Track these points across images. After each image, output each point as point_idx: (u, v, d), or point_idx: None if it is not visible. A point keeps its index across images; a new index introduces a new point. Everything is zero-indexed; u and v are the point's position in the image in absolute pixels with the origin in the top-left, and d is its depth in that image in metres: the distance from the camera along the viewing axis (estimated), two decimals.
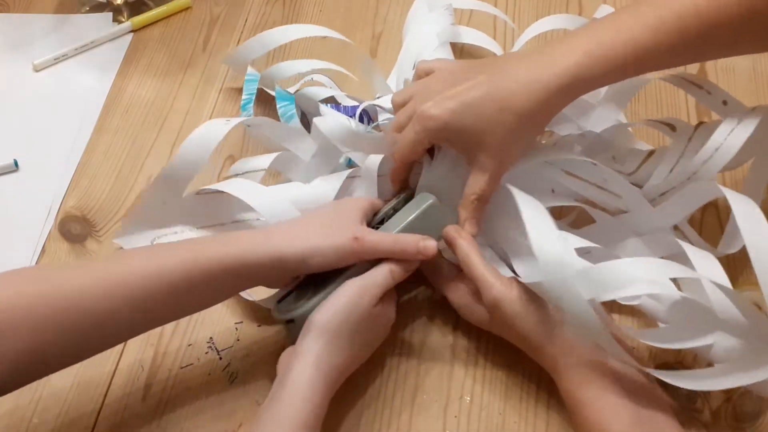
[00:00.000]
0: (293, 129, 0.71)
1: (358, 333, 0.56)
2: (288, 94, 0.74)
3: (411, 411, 0.61)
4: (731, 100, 0.65)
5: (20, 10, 0.91)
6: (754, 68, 0.81)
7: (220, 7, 0.90)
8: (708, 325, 0.54)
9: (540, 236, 0.55)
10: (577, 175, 0.66)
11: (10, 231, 0.72)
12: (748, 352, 0.53)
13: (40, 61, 0.84)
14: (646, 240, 0.65)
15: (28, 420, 0.61)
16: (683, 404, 0.60)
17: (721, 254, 0.64)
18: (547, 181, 0.66)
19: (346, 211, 0.60)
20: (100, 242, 0.71)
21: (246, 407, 0.61)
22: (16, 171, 0.76)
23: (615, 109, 0.71)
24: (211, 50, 0.86)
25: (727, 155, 0.61)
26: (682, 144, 0.66)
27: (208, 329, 0.65)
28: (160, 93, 0.82)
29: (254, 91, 0.76)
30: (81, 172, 0.76)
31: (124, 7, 0.90)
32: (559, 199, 0.66)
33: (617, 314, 0.65)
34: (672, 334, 0.56)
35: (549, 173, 0.65)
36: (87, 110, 0.81)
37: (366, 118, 0.72)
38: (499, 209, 0.64)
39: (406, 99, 0.63)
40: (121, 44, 0.87)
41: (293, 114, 0.72)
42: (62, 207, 0.73)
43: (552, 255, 0.54)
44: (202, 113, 0.80)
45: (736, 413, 0.59)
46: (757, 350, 0.53)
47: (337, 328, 0.55)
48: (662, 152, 0.68)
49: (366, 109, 0.72)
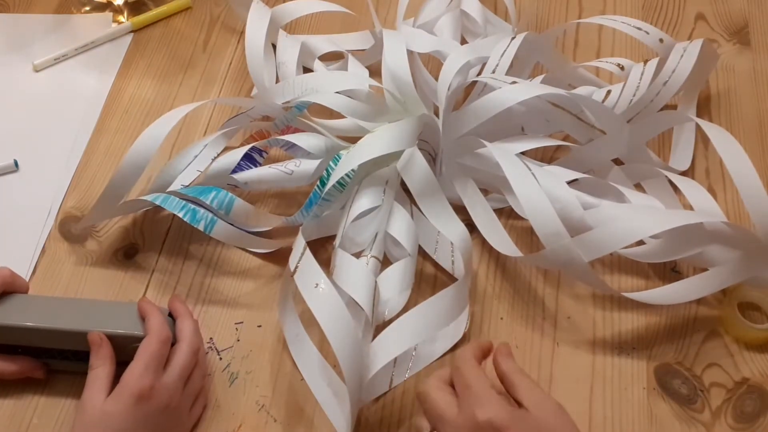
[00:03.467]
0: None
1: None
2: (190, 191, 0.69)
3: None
4: (666, 38, 0.74)
5: (20, 10, 0.91)
6: (754, 68, 0.81)
7: (220, 7, 0.90)
8: (698, 239, 0.61)
9: (537, 215, 0.59)
10: (557, 104, 0.69)
11: (10, 231, 0.72)
12: (737, 256, 0.61)
13: (40, 61, 0.84)
14: (627, 169, 0.69)
15: (29, 420, 0.61)
16: (683, 404, 0.60)
17: (676, 172, 0.71)
18: (520, 116, 0.71)
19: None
20: (100, 242, 0.71)
21: (246, 407, 0.61)
22: (16, 171, 0.76)
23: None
24: (211, 50, 0.86)
25: (682, 76, 0.69)
26: (636, 76, 0.71)
27: (208, 329, 0.65)
28: (160, 93, 0.82)
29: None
30: (81, 172, 0.76)
31: (124, 7, 0.90)
32: (534, 140, 0.69)
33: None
34: (663, 250, 0.64)
35: (531, 102, 0.69)
36: (87, 110, 0.81)
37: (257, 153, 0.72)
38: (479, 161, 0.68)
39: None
40: (121, 44, 0.87)
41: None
42: (62, 207, 0.73)
43: (550, 228, 0.59)
44: (202, 113, 0.80)
45: (736, 413, 0.59)
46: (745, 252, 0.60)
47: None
48: (619, 87, 0.72)
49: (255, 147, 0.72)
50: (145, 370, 0.55)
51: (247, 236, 0.68)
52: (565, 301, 0.66)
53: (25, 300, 0.61)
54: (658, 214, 0.62)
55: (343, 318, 0.55)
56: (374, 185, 0.66)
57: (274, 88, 0.75)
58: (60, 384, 0.62)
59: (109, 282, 0.68)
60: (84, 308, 0.61)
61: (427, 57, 0.79)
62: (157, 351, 0.56)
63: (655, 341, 0.63)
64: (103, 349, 0.57)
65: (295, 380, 0.62)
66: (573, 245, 0.59)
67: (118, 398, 0.54)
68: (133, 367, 0.55)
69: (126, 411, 0.53)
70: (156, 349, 0.56)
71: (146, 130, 0.67)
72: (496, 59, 0.72)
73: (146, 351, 0.56)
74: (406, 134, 0.64)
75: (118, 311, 0.60)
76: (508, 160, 0.62)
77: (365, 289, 0.59)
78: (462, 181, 0.68)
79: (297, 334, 0.62)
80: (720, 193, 0.71)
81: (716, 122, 0.76)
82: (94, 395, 0.55)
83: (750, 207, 0.60)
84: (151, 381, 0.55)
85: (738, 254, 0.61)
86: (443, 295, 0.58)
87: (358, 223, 0.65)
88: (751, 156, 0.61)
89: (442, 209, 0.64)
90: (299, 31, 0.86)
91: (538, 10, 0.88)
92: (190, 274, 0.69)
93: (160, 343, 0.56)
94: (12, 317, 0.59)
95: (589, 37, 0.85)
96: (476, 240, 0.68)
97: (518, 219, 0.70)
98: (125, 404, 0.54)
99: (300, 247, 0.59)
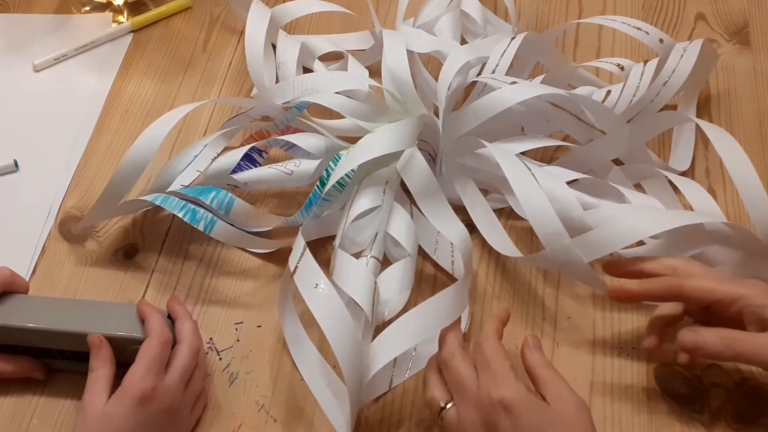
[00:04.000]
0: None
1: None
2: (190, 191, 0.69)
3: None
4: (666, 38, 0.73)
5: (20, 10, 0.91)
6: (754, 68, 0.81)
7: (220, 7, 0.90)
8: (698, 239, 0.62)
9: (537, 215, 0.59)
10: (557, 104, 0.69)
11: (10, 231, 0.72)
12: (737, 256, 0.62)
13: (40, 61, 0.84)
14: (627, 169, 0.70)
15: (28, 420, 0.61)
16: (683, 404, 0.60)
17: (676, 172, 0.71)
18: (520, 116, 0.70)
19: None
20: (100, 242, 0.71)
21: (246, 408, 0.61)
22: (16, 171, 0.76)
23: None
24: (211, 50, 0.86)
25: (682, 76, 0.69)
26: (636, 77, 0.71)
27: (208, 330, 0.65)
28: (160, 93, 0.82)
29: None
30: (81, 172, 0.76)
31: (124, 7, 0.90)
32: (534, 140, 0.69)
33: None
34: (663, 250, 0.64)
35: (531, 102, 0.69)
36: (87, 110, 0.81)
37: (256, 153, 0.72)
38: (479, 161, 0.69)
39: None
40: (121, 44, 0.87)
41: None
42: (62, 207, 0.73)
43: (550, 228, 0.59)
44: (202, 114, 0.80)
45: (736, 413, 0.59)
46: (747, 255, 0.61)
47: None
48: (619, 87, 0.72)
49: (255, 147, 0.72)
50: (147, 373, 0.55)
51: (247, 236, 0.68)
52: (565, 301, 0.66)
53: (25, 300, 0.61)
54: (658, 215, 0.62)
55: (342, 318, 0.55)
56: (374, 185, 0.66)
57: (274, 88, 0.75)
58: (60, 384, 0.62)
59: (109, 282, 0.68)
60: (84, 309, 0.61)
61: (427, 57, 0.79)
62: (159, 353, 0.56)
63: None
64: (102, 351, 0.57)
65: (295, 380, 0.62)
66: (573, 245, 0.59)
67: (119, 400, 0.54)
68: (134, 370, 0.55)
69: (127, 413, 0.53)
70: (157, 351, 0.56)
71: (146, 130, 0.67)
72: (496, 59, 0.72)
73: (147, 353, 0.56)
74: (406, 134, 0.64)
75: (118, 313, 0.60)
76: (507, 160, 0.62)
77: (365, 289, 0.59)
78: (462, 181, 0.68)
79: (297, 334, 0.62)
80: (720, 193, 0.71)
81: (716, 122, 0.76)
82: (95, 397, 0.55)
83: (750, 208, 0.60)
84: (152, 383, 0.55)
85: (738, 255, 0.62)
86: (443, 296, 0.58)
87: (357, 224, 0.65)
88: (751, 156, 0.61)
89: (442, 209, 0.64)
90: (299, 31, 0.86)
91: (538, 10, 0.88)
92: (190, 274, 0.69)
93: (161, 345, 0.56)
94: (12, 318, 0.59)
95: (589, 37, 0.85)
96: (476, 240, 0.68)
97: (518, 219, 0.70)
98: (127, 406, 0.54)
99: (300, 248, 0.59)
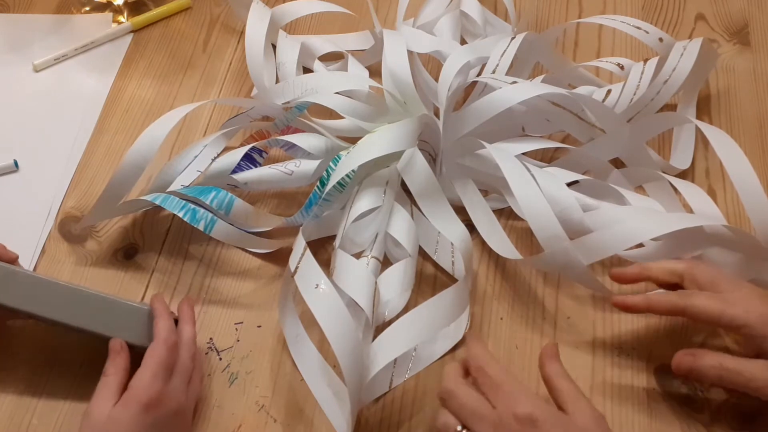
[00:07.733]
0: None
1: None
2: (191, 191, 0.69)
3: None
4: (666, 37, 0.74)
5: (20, 10, 0.91)
6: (754, 68, 0.81)
7: (220, 7, 0.90)
8: (698, 242, 0.62)
9: (537, 217, 0.59)
10: (558, 103, 0.70)
11: (10, 231, 0.71)
12: (737, 259, 0.62)
13: (40, 61, 0.84)
14: (627, 172, 0.70)
15: (28, 421, 0.61)
16: (683, 404, 0.60)
17: (677, 171, 0.72)
18: (521, 116, 0.71)
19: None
20: (100, 242, 0.71)
21: (246, 408, 0.61)
22: (16, 171, 0.76)
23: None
24: (211, 50, 0.86)
25: (682, 74, 0.69)
26: (636, 76, 0.71)
27: (208, 330, 0.65)
28: (160, 93, 0.82)
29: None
30: (81, 172, 0.76)
31: (124, 7, 0.90)
32: (534, 141, 0.69)
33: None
34: (663, 252, 0.64)
35: (531, 102, 0.69)
36: (87, 110, 0.81)
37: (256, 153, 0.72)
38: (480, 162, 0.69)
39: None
40: (121, 44, 0.87)
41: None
42: (62, 207, 0.73)
43: (549, 230, 0.59)
44: (202, 114, 0.80)
45: (735, 413, 0.59)
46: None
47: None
48: (619, 86, 0.72)
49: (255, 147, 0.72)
50: (153, 378, 0.55)
51: (247, 236, 0.68)
52: (564, 301, 0.66)
53: (33, 282, 0.60)
54: (658, 218, 0.62)
55: (343, 319, 0.55)
56: (374, 186, 0.66)
57: (274, 88, 0.75)
58: (60, 385, 0.62)
59: (109, 282, 0.68)
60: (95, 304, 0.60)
61: (427, 57, 0.79)
62: (165, 359, 0.56)
63: (655, 342, 0.63)
64: (120, 358, 0.57)
65: (295, 380, 0.62)
66: (572, 248, 0.59)
67: (126, 405, 0.54)
68: (141, 375, 0.55)
69: (133, 418, 0.53)
70: (164, 356, 0.56)
71: (146, 130, 0.67)
72: (496, 59, 0.72)
73: (154, 358, 0.56)
74: (406, 135, 0.64)
75: (130, 316, 0.60)
76: (507, 161, 0.62)
77: (365, 289, 0.59)
78: (462, 181, 0.68)
79: (297, 335, 0.62)
80: (720, 193, 0.71)
81: (716, 122, 0.76)
82: (102, 402, 0.54)
83: (750, 210, 0.60)
84: (159, 388, 0.55)
85: (738, 257, 0.62)
86: (443, 296, 0.58)
87: (358, 224, 0.65)
88: (750, 157, 0.61)
89: (443, 210, 0.64)
90: (299, 32, 0.86)
91: (538, 10, 0.88)
92: (190, 274, 0.69)
93: (168, 350, 0.57)
94: (22, 301, 0.59)
95: (589, 36, 0.85)
96: (476, 240, 0.68)
97: (518, 220, 0.70)
98: (133, 412, 0.53)
99: (300, 248, 0.59)
